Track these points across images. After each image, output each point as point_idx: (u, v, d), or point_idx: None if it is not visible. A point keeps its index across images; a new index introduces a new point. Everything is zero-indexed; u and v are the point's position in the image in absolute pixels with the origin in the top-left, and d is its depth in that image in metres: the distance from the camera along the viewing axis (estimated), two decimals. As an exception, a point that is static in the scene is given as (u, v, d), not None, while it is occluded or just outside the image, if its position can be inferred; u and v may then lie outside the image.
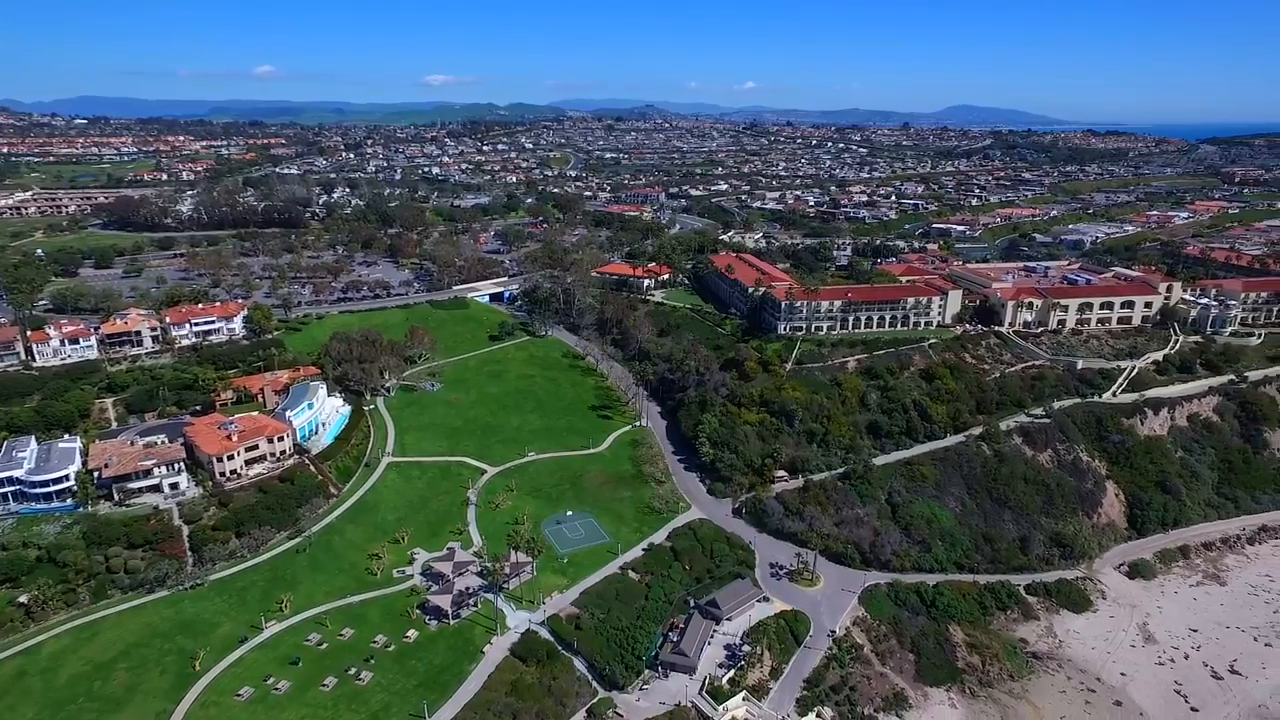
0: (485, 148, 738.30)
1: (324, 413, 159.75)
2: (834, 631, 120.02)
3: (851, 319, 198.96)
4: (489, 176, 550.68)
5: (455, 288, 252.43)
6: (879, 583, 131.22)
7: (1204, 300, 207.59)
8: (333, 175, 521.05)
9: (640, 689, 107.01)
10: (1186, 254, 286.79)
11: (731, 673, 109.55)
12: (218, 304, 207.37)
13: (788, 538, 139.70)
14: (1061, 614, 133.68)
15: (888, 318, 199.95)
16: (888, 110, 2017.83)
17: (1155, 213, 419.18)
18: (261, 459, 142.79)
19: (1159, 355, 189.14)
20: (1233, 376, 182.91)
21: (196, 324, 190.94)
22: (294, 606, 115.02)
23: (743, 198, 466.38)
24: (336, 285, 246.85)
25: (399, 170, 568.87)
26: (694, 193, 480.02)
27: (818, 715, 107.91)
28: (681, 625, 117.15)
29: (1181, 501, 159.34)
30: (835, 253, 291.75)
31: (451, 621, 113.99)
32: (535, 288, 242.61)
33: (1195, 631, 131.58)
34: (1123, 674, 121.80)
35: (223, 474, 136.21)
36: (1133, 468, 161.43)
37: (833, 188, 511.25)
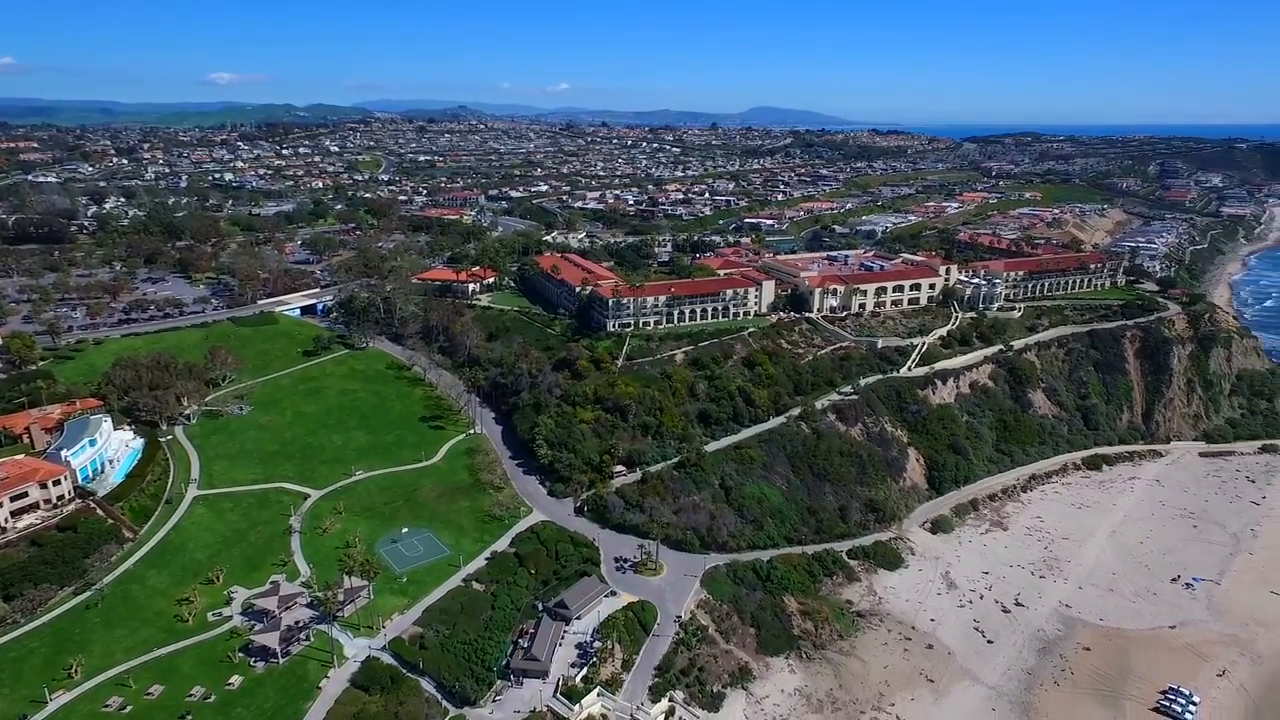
0: (285, 151, 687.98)
1: (110, 448, 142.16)
2: (680, 616, 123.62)
3: (676, 313, 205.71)
4: (291, 182, 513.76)
5: (261, 302, 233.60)
6: (718, 564, 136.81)
7: (975, 280, 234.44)
8: (103, 183, 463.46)
9: (493, 701, 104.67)
10: (959, 240, 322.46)
11: (585, 670, 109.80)
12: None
13: (630, 530, 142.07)
14: (879, 573, 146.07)
15: (709, 310, 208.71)
16: (696, 111, 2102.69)
17: (932, 204, 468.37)
18: (33, 508, 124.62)
19: (943, 331, 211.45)
20: (1002, 346, 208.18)
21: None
22: (86, 670, 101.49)
23: (564, 198, 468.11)
24: (116, 306, 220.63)
25: (185, 177, 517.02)
26: (514, 194, 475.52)
27: (670, 700, 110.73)
28: (531, 630, 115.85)
29: (970, 461, 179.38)
30: (657, 249, 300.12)
31: (281, 660, 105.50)
32: (352, 298, 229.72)
33: (987, 574, 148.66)
34: (932, 620, 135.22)
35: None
36: (929, 434, 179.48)
37: (650, 186, 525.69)
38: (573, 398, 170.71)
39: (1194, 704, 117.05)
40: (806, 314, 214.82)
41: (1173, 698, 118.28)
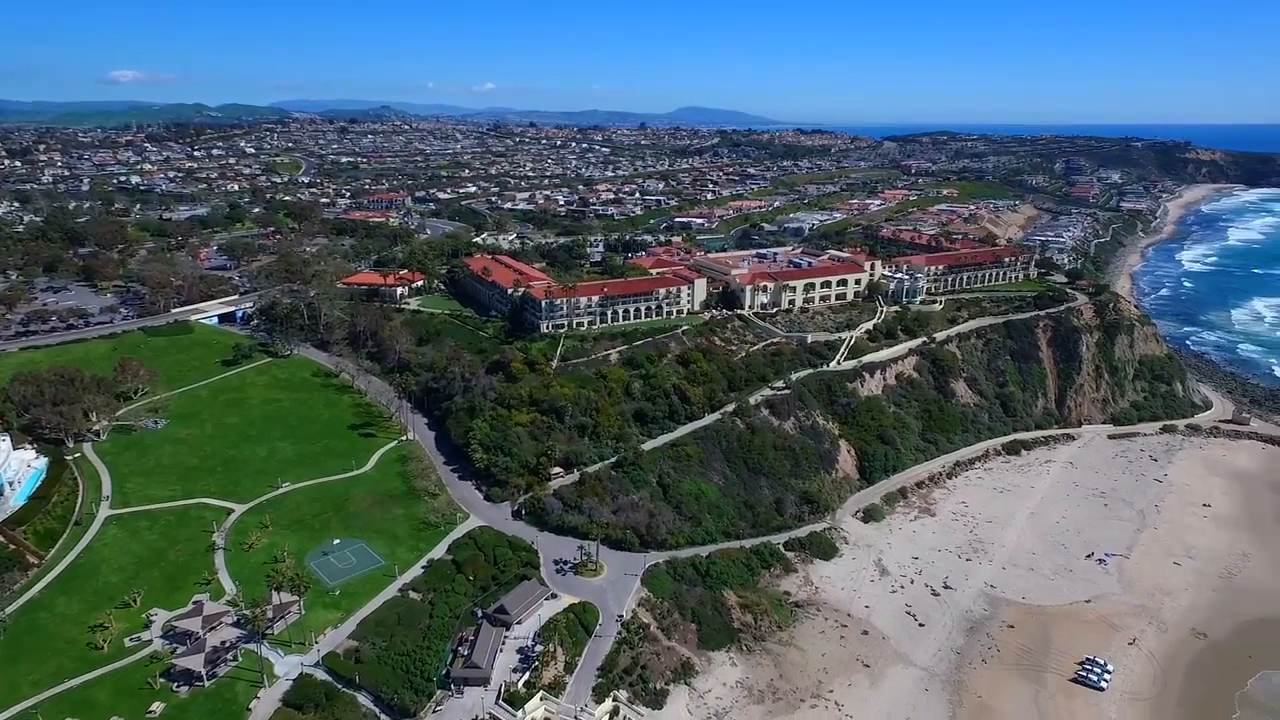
0: (197, 153, 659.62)
1: (9, 470, 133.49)
2: (622, 616, 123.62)
3: (610, 312, 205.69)
4: (205, 185, 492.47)
5: (174, 311, 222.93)
6: (658, 562, 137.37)
7: (899, 275, 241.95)
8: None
9: (434, 711, 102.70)
10: (882, 236, 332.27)
11: (527, 675, 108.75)
12: None
13: (569, 532, 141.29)
14: (815, 563, 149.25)
15: (643, 309, 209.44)
16: (625, 111, 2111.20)
17: (855, 201, 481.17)
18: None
19: (870, 325, 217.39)
20: (925, 339, 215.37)
21: None
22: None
23: (493, 199, 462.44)
24: (13, 318, 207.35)
25: (86, 180, 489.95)
26: (442, 196, 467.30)
27: (614, 699, 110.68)
28: (471, 637, 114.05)
29: (898, 450, 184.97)
30: (589, 250, 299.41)
31: (207, 683, 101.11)
32: (273, 304, 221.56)
33: (917, 559, 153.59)
34: (867, 606, 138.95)
35: None
36: (858, 425, 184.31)
37: (580, 187, 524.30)
38: (507, 400, 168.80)
39: (1108, 672, 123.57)
40: (738, 311, 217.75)
41: (1089, 667, 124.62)
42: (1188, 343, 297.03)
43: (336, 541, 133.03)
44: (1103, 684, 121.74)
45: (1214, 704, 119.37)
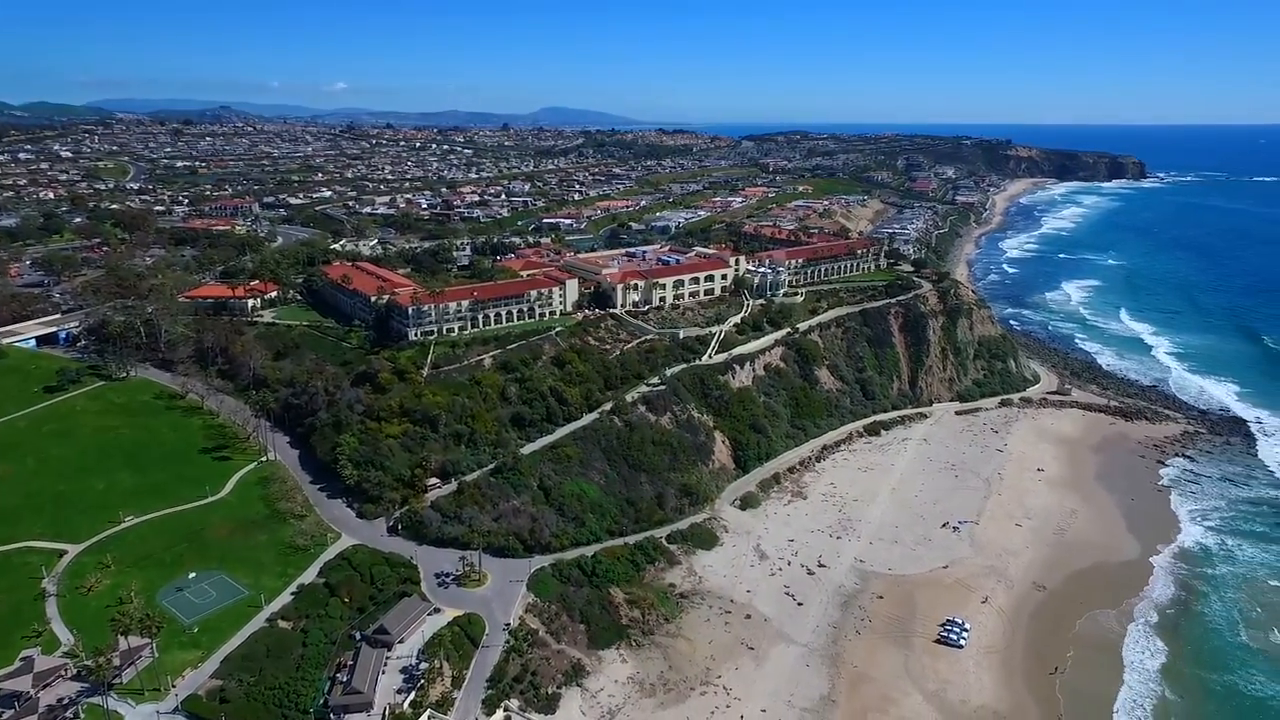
0: (1, 157, 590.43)
1: None
2: (509, 624, 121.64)
3: (481, 317, 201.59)
4: (11, 193, 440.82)
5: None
6: (543, 565, 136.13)
7: (762, 269, 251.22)
8: None
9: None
10: (745, 232, 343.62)
11: (412, 695, 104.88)
12: None
13: (450, 543, 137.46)
14: (697, 554, 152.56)
15: (515, 311, 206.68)
16: (487, 112, 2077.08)
17: (718, 199, 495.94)
18: None
19: (737, 319, 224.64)
20: (789, 329, 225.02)
21: None
22: None
23: (350, 204, 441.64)
24: None
25: None
26: (294, 201, 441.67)
27: (505, 709, 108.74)
28: (350, 662, 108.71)
29: (770, 438, 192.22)
30: (456, 253, 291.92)
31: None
32: (104, 323, 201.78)
33: (792, 541, 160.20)
34: (748, 591, 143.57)
35: None
36: (732, 416, 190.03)
37: (443, 189, 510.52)
38: (377, 413, 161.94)
39: (966, 630, 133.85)
40: (611, 310, 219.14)
41: (950, 628, 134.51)
42: (1013, 323, 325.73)
43: (192, 575, 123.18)
44: (962, 642, 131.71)
45: (1053, 647, 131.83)
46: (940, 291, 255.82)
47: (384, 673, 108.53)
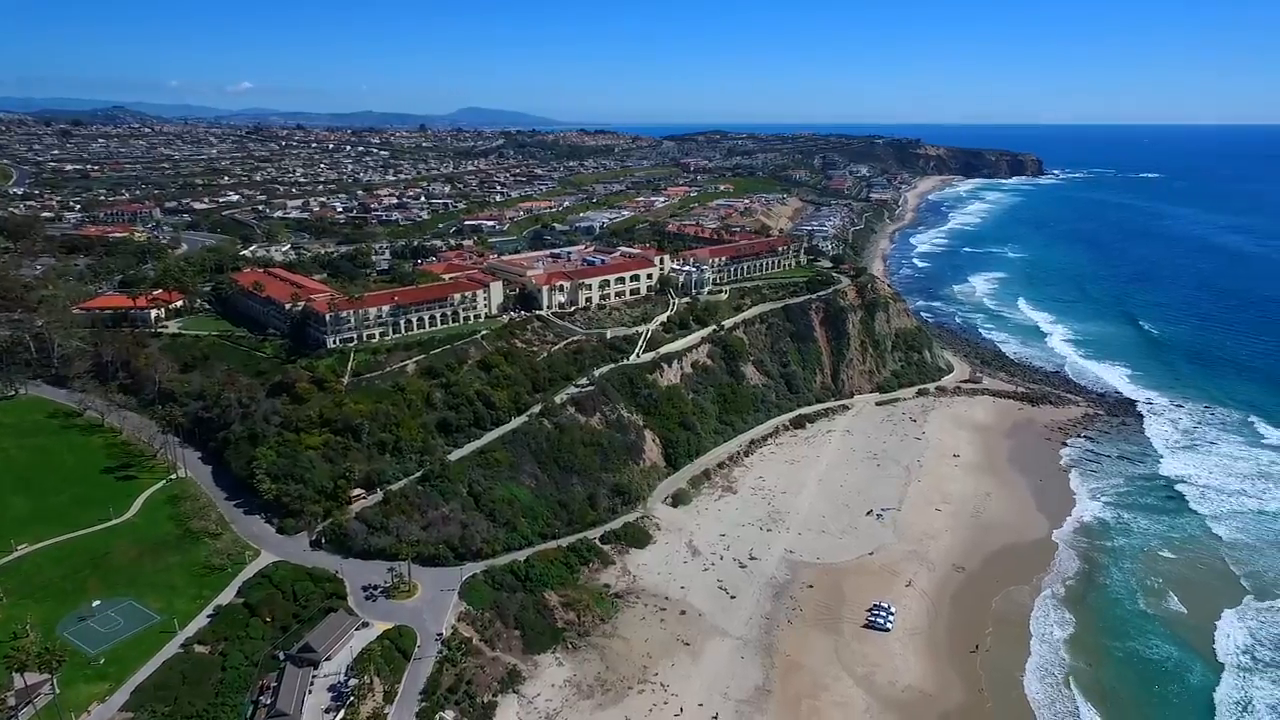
0: None
1: None
2: (441, 634, 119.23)
3: (403, 322, 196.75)
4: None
5: None
6: (475, 573, 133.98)
7: (687, 268, 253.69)
8: None
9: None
10: (668, 231, 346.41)
11: (342, 713, 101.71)
12: None
13: (377, 555, 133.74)
14: (631, 553, 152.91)
15: (438, 316, 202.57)
16: (403, 112, 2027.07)
17: (641, 199, 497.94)
18: None
19: (664, 317, 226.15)
20: (715, 327, 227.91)
21: None
22: None
23: (260, 208, 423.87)
24: None
25: None
26: (199, 206, 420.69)
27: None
28: (274, 683, 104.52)
29: (699, 435, 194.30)
30: (375, 258, 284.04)
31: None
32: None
33: (724, 536, 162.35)
34: (682, 587, 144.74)
35: None
36: (661, 415, 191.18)
37: (360, 192, 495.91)
38: (295, 424, 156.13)
39: (892, 613, 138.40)
40: (537, 312, 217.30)
41: (876, 612, 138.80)
42: (927, 315, 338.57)
43: (97, 603, 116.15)
44: (888, 625, 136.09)
45: (972, 625, 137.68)
46: (858, 286, 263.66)
47: (310, 692, 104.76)
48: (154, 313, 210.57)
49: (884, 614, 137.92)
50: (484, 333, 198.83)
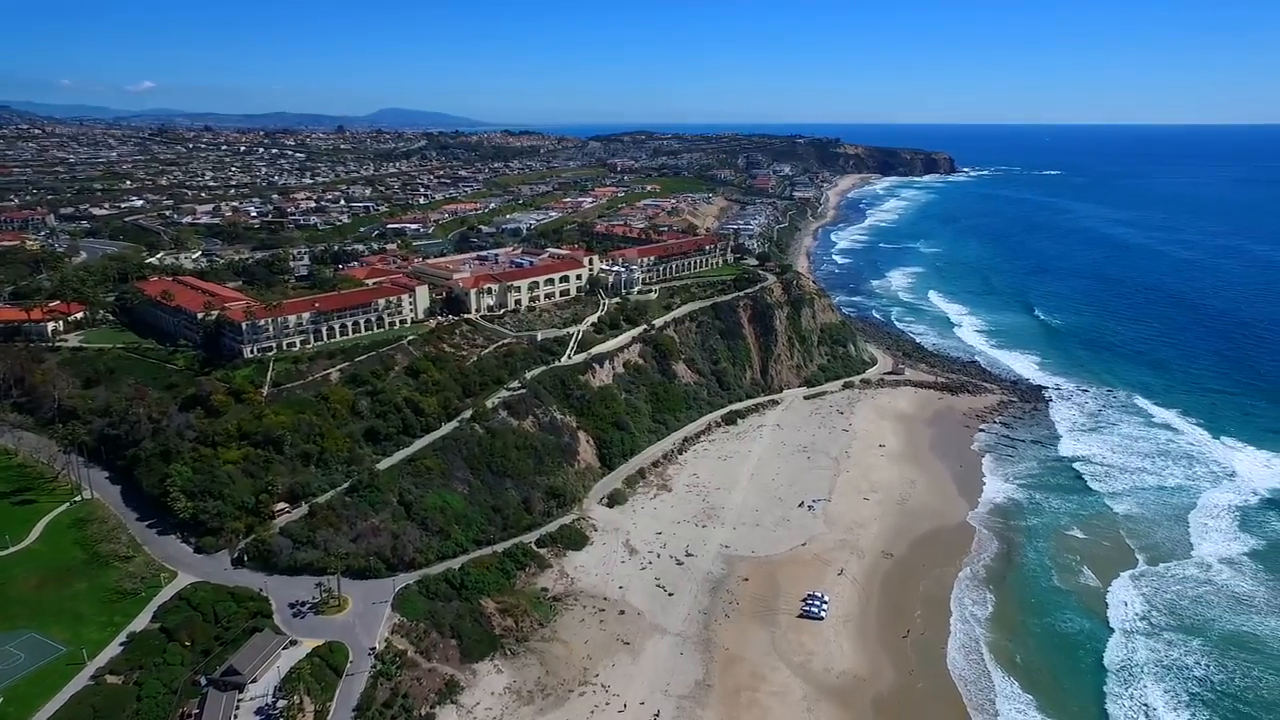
0: None
1: None
2: (374, 648, 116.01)
3: (325, 329, 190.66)
4: None
5: None
6: (409, 583, 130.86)
7: (616, 268, 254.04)
8: None
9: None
10: (597, 231, 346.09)
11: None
12: None
13: (304, 570, 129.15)
14: (568, 555, 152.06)
15: (362, 322, 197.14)
16: (319, 114, 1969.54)
17: (569, 200, 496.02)
18: None
19: (594, 318, 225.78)
20: (645, 326, 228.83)
21: None
22: None
23: (167, 214, 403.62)
24: None
25: None
26: (98, 212, 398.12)
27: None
28: (196, 710, 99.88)
29: (633, 434, 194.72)
30: (293, 264, 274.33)
31: None
32: None
33: (660, 534, 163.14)
34: (621, 587, 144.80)
35: None
36: (594, 415, 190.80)
37: (274, 196, 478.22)
38: (211, 438, 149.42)
39: (825, 602, 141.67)
40: (465, 315, 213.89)
41: (811, 602, 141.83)
42: (850, 309, 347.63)
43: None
44: (822, 614, 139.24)
45: (901, 609, 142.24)
46: (784, 283, 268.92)
47: (236, 717, 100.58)
48: (51, 325, 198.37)
49: (818, 603, 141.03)
50: (410, 338, 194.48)
